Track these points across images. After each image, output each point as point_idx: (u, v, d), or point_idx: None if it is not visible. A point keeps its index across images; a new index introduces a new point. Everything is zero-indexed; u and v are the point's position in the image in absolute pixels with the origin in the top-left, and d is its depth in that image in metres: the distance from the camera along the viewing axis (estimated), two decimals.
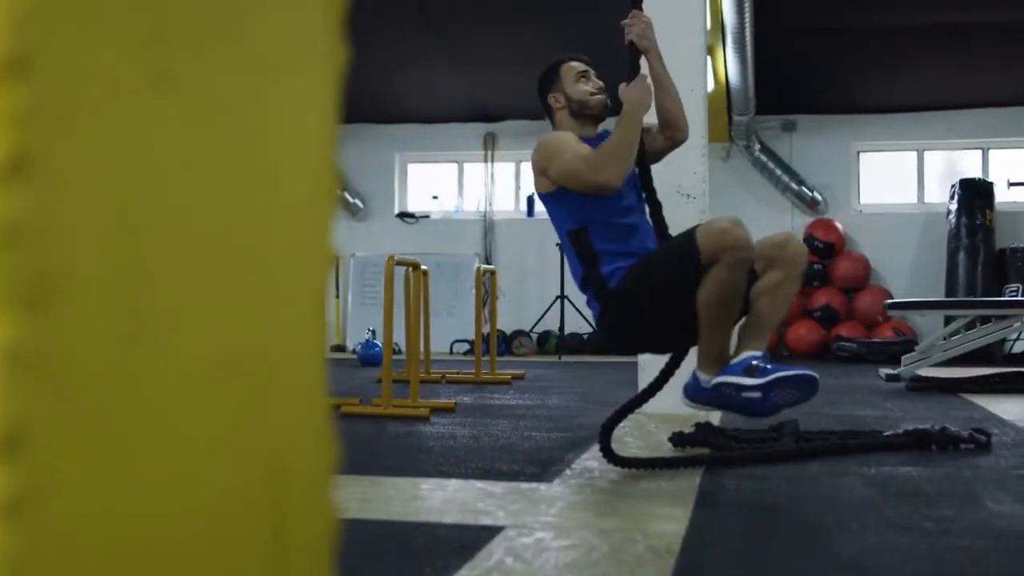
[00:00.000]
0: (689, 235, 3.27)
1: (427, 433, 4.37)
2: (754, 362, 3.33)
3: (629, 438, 4.20)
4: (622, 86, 3.49)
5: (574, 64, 3.72)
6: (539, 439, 4.15)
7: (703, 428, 3.90)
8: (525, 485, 3.05)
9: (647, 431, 4.44)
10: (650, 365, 5.15)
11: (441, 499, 2.83)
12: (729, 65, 9.02)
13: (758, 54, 9.09)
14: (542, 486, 3.04)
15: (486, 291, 9.32)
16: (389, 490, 2.96)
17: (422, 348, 6.91)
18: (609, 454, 3.27)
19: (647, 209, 3.58)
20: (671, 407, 5.08)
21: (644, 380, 5.17)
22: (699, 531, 2.44)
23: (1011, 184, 7.15)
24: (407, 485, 3.04)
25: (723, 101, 9.96)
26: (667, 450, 3.84)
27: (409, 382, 5.47)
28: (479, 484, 3.06)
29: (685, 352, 3.55)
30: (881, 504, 2.77)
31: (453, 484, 3.06)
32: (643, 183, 3.55)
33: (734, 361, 3.37)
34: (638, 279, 3.35)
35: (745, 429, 4.12)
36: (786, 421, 4.14)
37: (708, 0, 6.46)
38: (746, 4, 7.71)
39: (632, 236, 3.49)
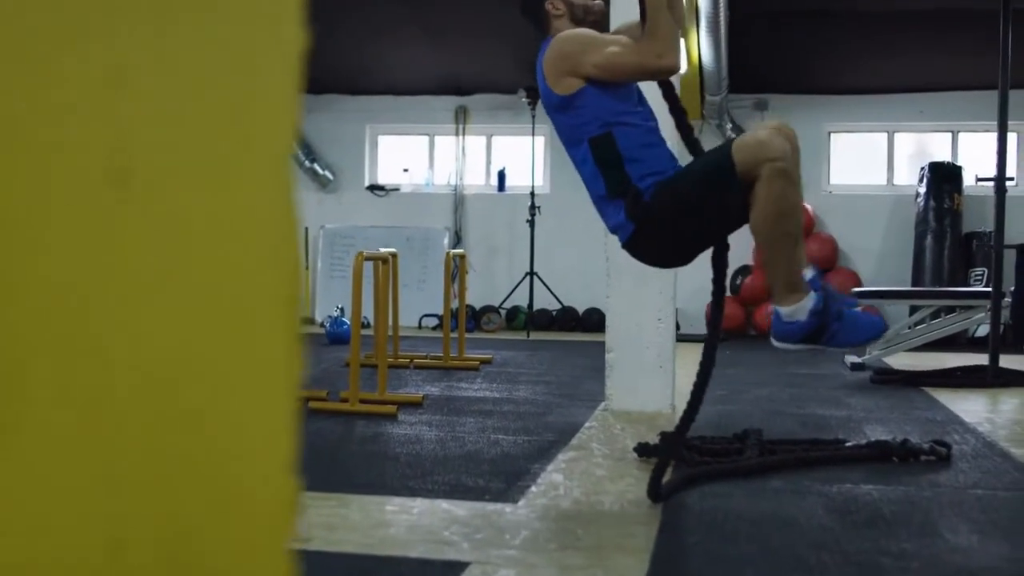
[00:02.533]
0: (725, 148, 3.15)
1: (394, 435, 4.39)
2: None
3: (595, 444, 4.23)
4: None
5: None
6: (505, 445, 4.17)
7: (668, 439, 3.93)
8: (491, 506, 3.07)
9: (613, 434, 4.47)
10: (618, 361, 5.18)
11: (407, 525, 2.84)
12: (703, 48, 9.01)
13: (731, 35, 9.08)
14: (507, 508, 3.06)
15: (455, 269, 9.32)
16: (355, 513, 2.97)
17: (391, 331, 6.90)
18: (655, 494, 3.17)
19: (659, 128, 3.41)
20: (637, 404, 5.14)
21: (611, 368, 5.20)
22: (661, 567, 2.47)
23: (979, 179, 7.18)
24: (373, 507, 3.06)
25: (696, 80, 9.95)
26: (632, 460, 3.87)
27: (377, 367, 5.49)
28: (445, 505, 3.07)
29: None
30: (840, 534, 2.81)
31: (419, 505, 3.07)
32: (670, 103, 3.41)
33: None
34: (672, 193, 3.20)
35: (709, 438, 4.16)
36: (750, 430, 4.18)
37: None
38: None
39: (660, 152, 3.31)
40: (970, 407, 5.52)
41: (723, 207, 3.14)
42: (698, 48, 9.14)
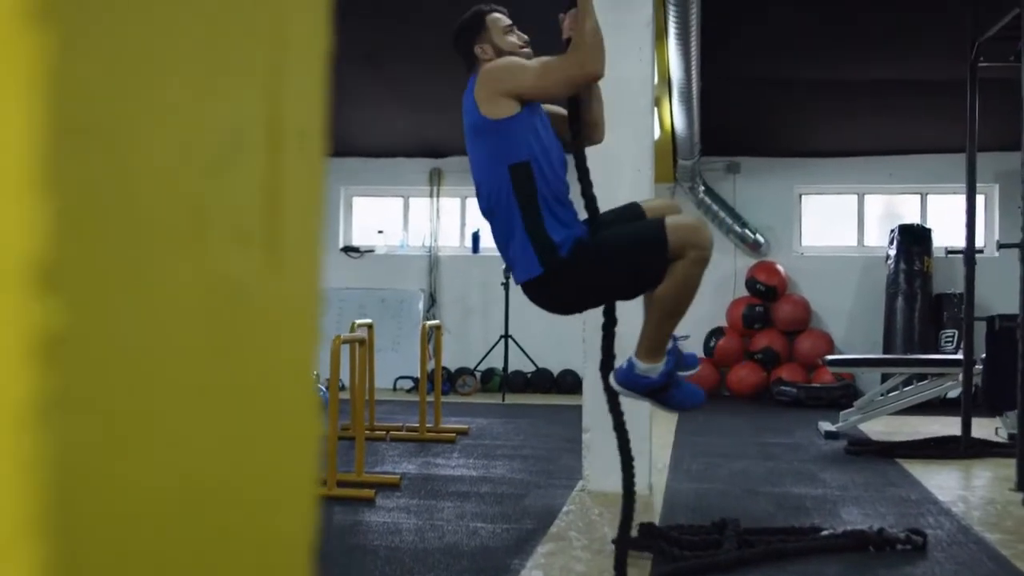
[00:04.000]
0: (658, 225, 3.33)
1: (372, 524, 4.38)
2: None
3: (574, 532, 4.24)
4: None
5: (500, 16, 3.63)
6: (484, 535, 4.18)
7: (647, 531, 3.96)
8: None
9: (591, 520, 4.49)
10: (594, 442, 5.20)
11: None
12: (675, 116, 9.11)
13: (703, 101, 9.18)
14: None
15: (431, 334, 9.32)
16: None
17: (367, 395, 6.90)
18: None
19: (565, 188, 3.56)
20: (614, 485, 5.14)
21: (588, 448, 5.22)
22: None
23: (949, 252, 7.30)
24: None
25: (669, 146, 10.05)
26: (610, 552, 3.88)
27: (354, 439, 5.51)
28: None
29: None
30: None
31: None
32: (578, 163, 3.53)
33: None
34: (596, 253, 3.37)
35: (688, 527, 4.17)
36: (728, 519, 4.20)
37: (655, 57, 6.53)
38: (692, 61, 7.80)
39: (568, 201, 3.48)
40: (944, 482, 5.57)
41: (646, 273, 3.34)
42: (671, 116, 9.24)
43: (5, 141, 0.46)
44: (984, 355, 7.22)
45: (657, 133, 8.89)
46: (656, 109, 8.53)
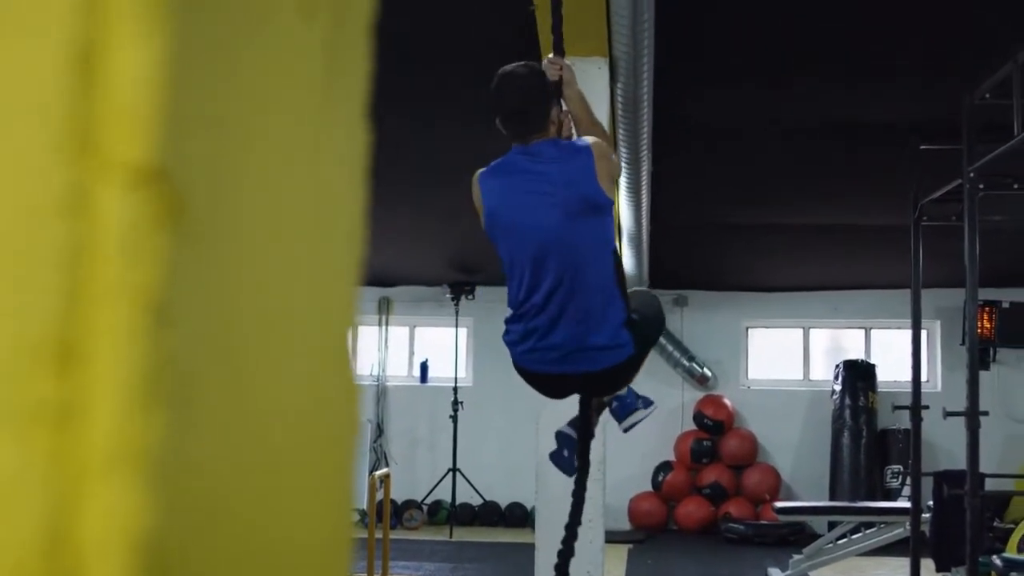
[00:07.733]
0: (655, 302, 3.75)
1: None
2: None
3: None
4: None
5: None
6: None
7: None
8: None
9: None
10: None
11: None
12: (624, 257, 9.21)
13: (652, 240, 9.31)
14: None
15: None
16: None
17: None
18: None
19: None
20: None
21: None
22: None
23: (896, 407, 7.38)
24: None
25: None
26: None
27: None
28: None
29: None
30: None
31: None
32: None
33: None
34: (650, 323, 3.52)
35: None
36: None
37: None
38: (643, 213, 7.91)
39: None
40: None
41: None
42: (621, 256, 9.35)
43: None
44: (932, 503, 7.26)
45: None
46: None
